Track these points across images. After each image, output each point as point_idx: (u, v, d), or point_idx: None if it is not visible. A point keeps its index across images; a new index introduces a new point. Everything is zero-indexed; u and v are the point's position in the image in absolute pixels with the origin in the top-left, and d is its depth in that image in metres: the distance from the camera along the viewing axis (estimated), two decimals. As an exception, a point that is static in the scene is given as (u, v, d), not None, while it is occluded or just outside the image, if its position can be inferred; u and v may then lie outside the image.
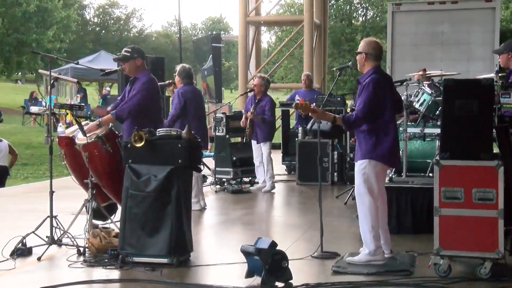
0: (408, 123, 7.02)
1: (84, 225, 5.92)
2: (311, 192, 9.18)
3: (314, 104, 7.74)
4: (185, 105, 7.82)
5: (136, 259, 5.27)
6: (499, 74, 6.41)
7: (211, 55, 16.48)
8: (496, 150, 5.13)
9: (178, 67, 8.14)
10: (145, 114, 6.02)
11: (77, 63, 8.88)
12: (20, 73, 51.26)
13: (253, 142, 9.54)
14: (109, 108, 6.41)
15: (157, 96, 6.34)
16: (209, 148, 11.43)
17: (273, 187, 9.58)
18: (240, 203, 8.75)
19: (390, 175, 6.88)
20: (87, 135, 5.85)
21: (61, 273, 5.17)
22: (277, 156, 11.26)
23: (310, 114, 5.42)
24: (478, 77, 6.03)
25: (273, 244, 4.68)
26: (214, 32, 27.85)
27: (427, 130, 7.07)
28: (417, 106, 6.92)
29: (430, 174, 6.70)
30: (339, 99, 10.14)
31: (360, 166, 5.24)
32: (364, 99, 5.13)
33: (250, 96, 9.81)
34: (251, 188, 9.80)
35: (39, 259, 5.51)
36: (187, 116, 7.79)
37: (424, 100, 6.87)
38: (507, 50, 6.50)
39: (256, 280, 4.72)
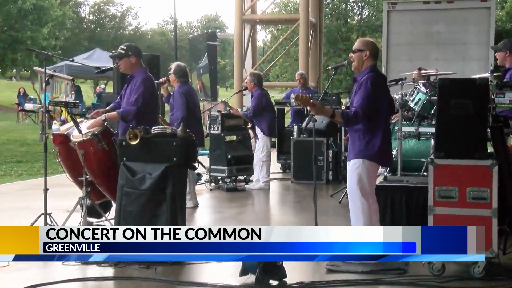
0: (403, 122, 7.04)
1: (78, 223, 5.90)
2: (306, 191, 9.19)
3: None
4: (188, 105, 7.82)
5: (131, 257, 5.26)
6: (494, 74, 6.43)
7: (206, 53, 16.42)
8: (490, 149, 5.14)
9: (173, 66, 8.13)
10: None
11: (72, 61, 8.88)
12: (14, 70, 51.14)
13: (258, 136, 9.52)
14: (107, 108, 6.39)
15: (155, 94, 6.36)
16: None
17: (267, 186, 9.57)
18: (234, 201, 8.75)
19: (385, 174, 6.89)
20: (90, 130, 5.85)
21: (55, 271, 5.15)
22: (272, 154, 11.25)
23: (308, 108, 5.26)
24: (473, 76, 6.04)
25: (268, 243, 4.68)
26: (209, 30, 27.75)
27: (422, 129, 7.08)
28: (412, 105, 6.93)
29: (425, 173, 6.71)
30: (334, 98, 10.15)
31: (354, 166, 5.24)
32: (363, 96, 5.11)
33: None
34: (246, 186, 9.80)
35: (33, 256, 5.50)
36: (189, 115, 7.78)
37: (419, 99, 6.88)
38: (506, 49, 6.53)
39: (250, 278, 4.72)
